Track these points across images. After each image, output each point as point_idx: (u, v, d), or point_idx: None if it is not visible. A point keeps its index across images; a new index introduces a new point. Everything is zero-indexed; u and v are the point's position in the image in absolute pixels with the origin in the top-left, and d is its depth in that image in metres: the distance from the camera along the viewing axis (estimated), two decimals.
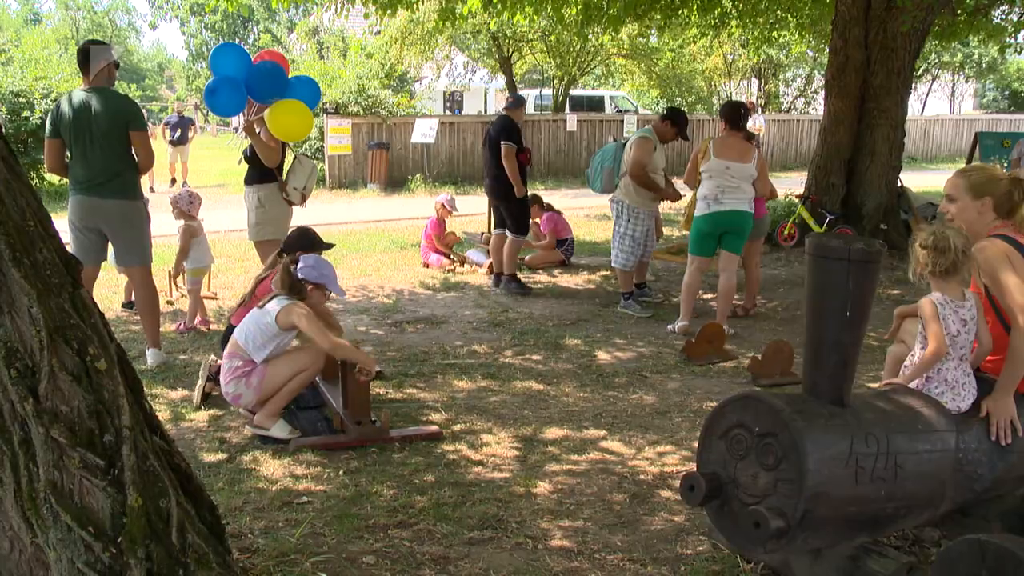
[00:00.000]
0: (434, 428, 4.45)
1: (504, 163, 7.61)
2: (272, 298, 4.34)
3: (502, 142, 7.60)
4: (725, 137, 6.48)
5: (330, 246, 5.08)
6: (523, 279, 8.15)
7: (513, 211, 7.86)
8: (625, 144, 7.31)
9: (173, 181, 17.01)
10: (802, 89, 27.27)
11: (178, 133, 17.01)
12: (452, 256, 9.23)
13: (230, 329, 4.79)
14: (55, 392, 2.24)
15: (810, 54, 23.27)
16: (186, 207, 6.59)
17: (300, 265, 4.34)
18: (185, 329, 6.43)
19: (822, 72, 20.51)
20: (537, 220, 9.30)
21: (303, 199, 6.25)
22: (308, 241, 5.01)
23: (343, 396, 4.48)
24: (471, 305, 7.48)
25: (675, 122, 7.16)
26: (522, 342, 6.27)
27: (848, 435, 2.62)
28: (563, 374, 5.51)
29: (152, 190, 15.61)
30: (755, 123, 15.61)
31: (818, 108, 26.11)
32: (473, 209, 10.24)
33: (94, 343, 2.32)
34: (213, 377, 4.82)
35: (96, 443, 2.25)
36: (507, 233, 7.96)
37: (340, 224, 12.33)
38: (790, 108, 26.47)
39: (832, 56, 9.57)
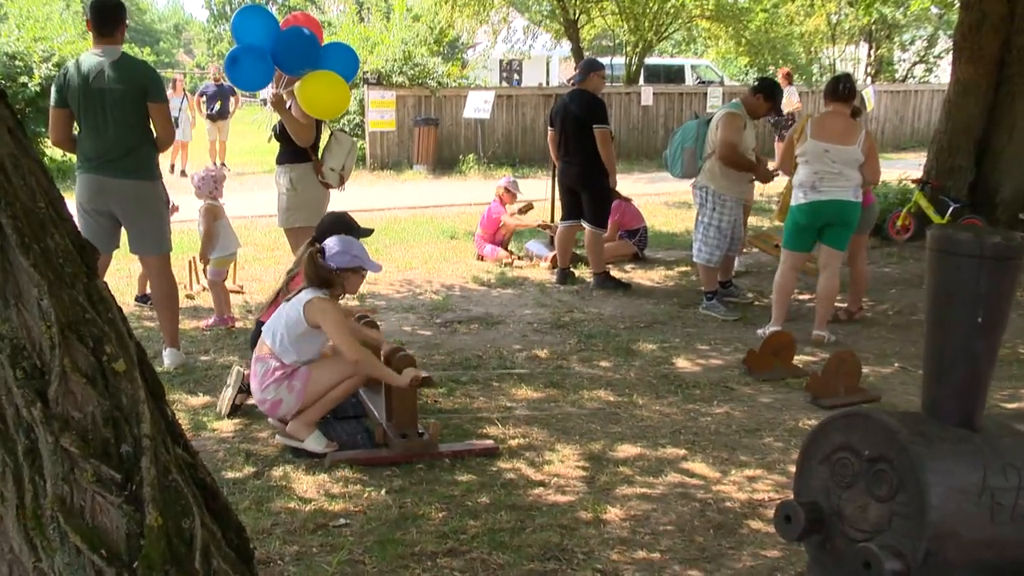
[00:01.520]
0: (489, 443, 4.46)
1: (601, 150, 7.68)
2: (301, 290, 4.37)
3: (595, 126, 7.66)
4: (825, 115, 6.35)
5: (369, 232, 5.10)
6: (576, 273, 8.14)
7: (597, 202, 7.92)
8: (709, 121, 7.23)
9: (220, 165, 16.49)
10: (922, 54, 26.49)
11: (217, 106, 16.41)
12: (511, 250, 9.25)
13: (260, 329, 4.83)
14: (66, 396, 2.26)
15: (934, 11, 22.62)
16: (211, 187, 6.69)
17: (328, 253, 4.36)
18: (212, 325, 6.55)
19: (949, 33, 19.93)
20: None
21: (341, 181, 6.28)
22: (344, 227, 5.02)
23: (386, 405, 4.49)
24: (531, 304, 7.47)
25: (768, 95, 7.05)
26: (589, 346, 6.24)
27: (980, 464, 2.52)
28: (636, 384, 5.48)
29: (184, 174, 15.39)
30: (790, 97, 15.27)
31: (942, 76, 25.33)
32: (533, 195, 10.18)
33: (111, 341, 2.34)
34: (245, 388, 4.87)
35: (112, 454, 2.27)
36: (585, 225, 8.00)
37: (382, 210, 12.44)
38: (906, 77, 25.78)
39: (964, 12, 9.24)
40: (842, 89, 6.30)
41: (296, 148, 6.14)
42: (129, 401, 2.31)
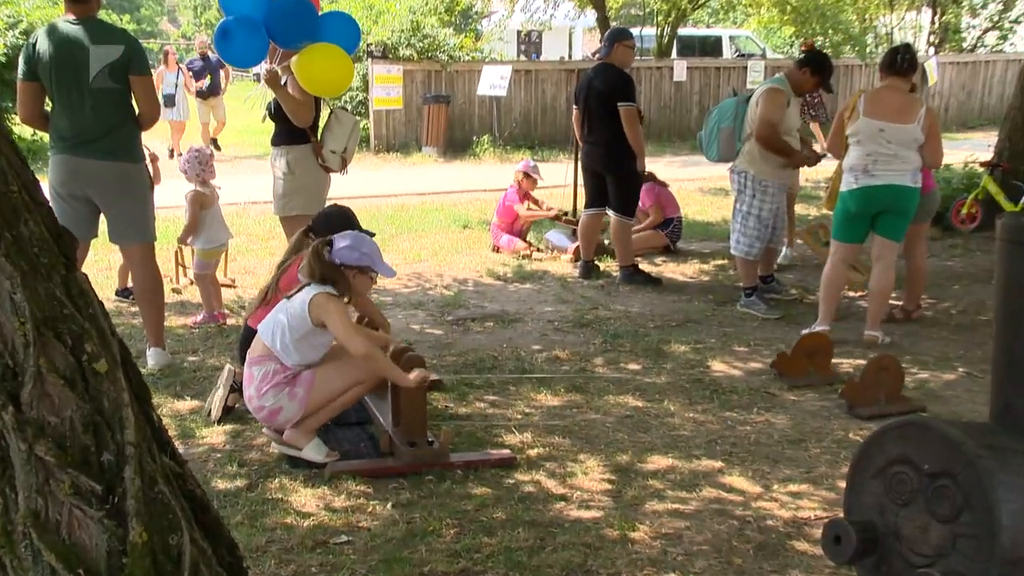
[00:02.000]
0: (506, 453, 4.46)
1: (627, 131, 7.66)
2: (303, 287, 4.37)
3: (620, 104, 7.63)
4: (880, 89, 6.30)
5: (371, 233, 5.06)
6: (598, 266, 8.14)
7: (624, 187, 7.90)
8: (749, 98, 7.19)
9: (215, 145, 16.22)
10: (996, 19, 26.04)
11: (207, 81, 16.20)
12: (529, 241, 9.26)
13: (248, 333, 4.84)
14: (42, 399, 2.26)
15: None
16: (197, 169, 6.67)
17: (335, 247, 4.35)
18: (201, 322, 6.58)
19: None
20: None
21: (343, 164, 6.28)
22: (341, 223, 5.02)
23: (393, 410, 4.50)
24: (552, 300, 7.47)
25: (816, 69, 7.01)
26: (616, 347, 6.23)
27: None
28: (667, 389, 5.47)
29: (172, 154, 15.23)
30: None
31: (1019, 44, 24.99)
32: (554, 179, 10.17)
33: (92, 339, 2.34)
34: (237, 388, 4.87)
35: (92, 463, 2.27)
36: (610, 213, 7.99)
37: (389, 196, 12.45)
38: (976, 45, 25.42)
39: None
40: (900, 61, 6.24)
41: (293, 129, 6.12)
42: (111, 405, 2.32)
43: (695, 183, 13.48)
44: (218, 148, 16.29)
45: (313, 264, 4.33)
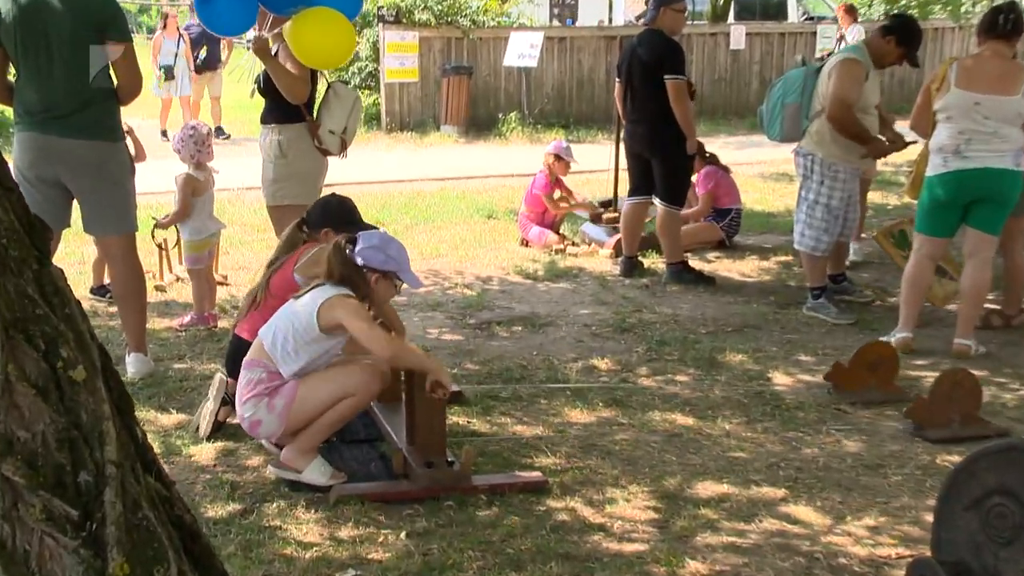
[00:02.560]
0: (536, 475, 4.47)
1: (674, 106, 7.65)
2: (315, 287, 4.38)
3: (667, 76, 7.63)
4: (977, 56, 6.24)
5: (374, 227, 5.04)
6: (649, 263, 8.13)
7: (672, 172, 7.90)
8: (820, 69, 7.14)
9: (220, 130, 16.03)
10: None
11: (203, 52, 15.84)
12: (563, 233, 9.26)
13: (238, 345, 4.87)
14: (10, 411, 2.27)
15: None
16: (192, 149, 6.69)
17: (359, 246, 4.37)
18: (189, 324, 6.61)
19: None
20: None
21: (343, 147, 6.28)
22: (342, 215, 5.03)
23: (408, 426, 4.52)
24: (589, 301, 7.47)
25: (903, 38, 6.94)
26: (662, 356, 6.23)
27: None
28: (721, 404, 5.47)
29: (164, 134, 15.14)
30: (853, 36, 15.06)
31: None
32: (592, 163, 10.19)
33: (68, 343, 2.34)
34: (229, 400, 4.90)
35: (67, 484, 2.27)
36: (656, 202, 7.99)
37: (402, 182, 12.48)
38: None
39: None
40: (1003, 23, 6.16)
41: (286, 105, 6.10)
42: (90, 418, 2.32)
43: (754, 167, 13.44)
44: (225, 135, 16.07)
45: (333, 262, 4.37)
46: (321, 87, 6.40)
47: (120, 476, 2.31)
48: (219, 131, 15.77)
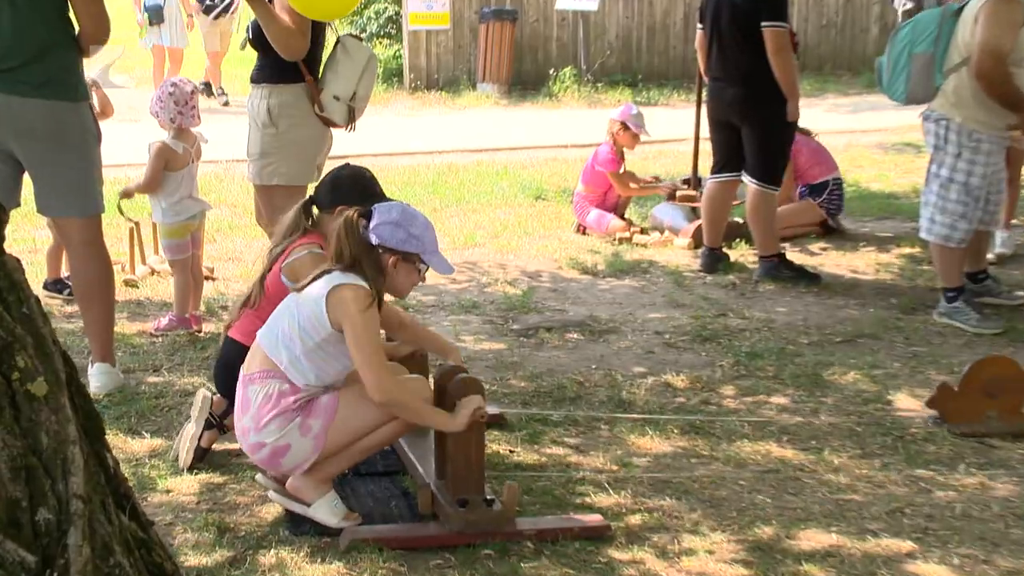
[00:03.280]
0: (595, 519, 4.45)
1: (772, 61, 7.61)
2: (322, 274, 4.37)
3: (765, 24, 7.60)
4: None
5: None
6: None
7: (767, 144, 7.87)
8: (962, 9, 7.07)
9: (208, 87, 16.26)
10: None
11: None
12: (629, 219, 9.26)
13: (231, 348, 4.89)
14: None
15: None
16: (172, 112, 6.69)
17: (374, 221, 4.37)
18: (167, 327, 6.65)
19: None
20: None
21: (351, 118, 6.27)
22: (357, 189, 5.00)
23: (437, 456, 4.52)
24: (661, 303, 7.46)
25: None
26: (753, 372, 6.22)
27: None
28: (829, 433, 5.42)
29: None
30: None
31: None
32: (666, 132, 10.08)
33: (26, 349, 2.38)
34: (216, 422, 4.92)
35: (23, 523, 2.29)
36: (747, 180, 7.98)
37: (429, 153, 12.47)
38: None
39: None
40: None
41: (281, 62, 6.10)
42: (52, 442, 2.35)
43: (871, 136, 13.33)
44: (212, 94, 16.14)
45: (342, 241, 4.32)
46: (330, 40, 6.39)
47: (87, 514, 2.33)
48: (208, 88, 15.97)
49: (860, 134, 13.13)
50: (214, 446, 4.99)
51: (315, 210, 5.00)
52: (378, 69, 6.60)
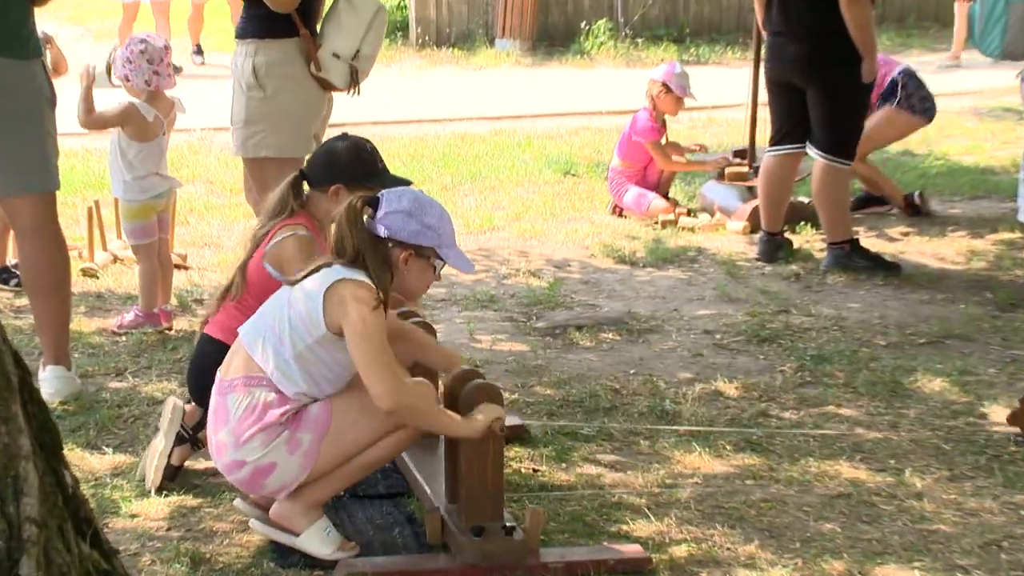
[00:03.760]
0: (634, 549, 4.42)
1: (845, 10, 7.58)
2: (321, 268, 4.35)
3: None
4: None
5: (406, 182, 4.99)
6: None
7: (837, 110, 7.85)
8: None
9: (199, 50, 16.59)
10: None
11: None
12: (674, 199, 9.24)
13: (206, 348, 4.89)
14: None
15: None
16: (145, 72, 6.62)
17: (383, 209, 4.35)
18: (132, 324, 6.65)
19: None
20: None
21: (353, 80, 6.31)
22: (357, 165, 4.98)
23: (449, 475, 4.50)
24: (712, 297, 7.47)
25: None
26: (820, 379, 6.20)
27: None
28: (911, 451, 5.40)
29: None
30: None
31: None
32: (717, 97, 10.02)
33: None
34: (189, 435, 4.91)
35: None
36: (813, 153, 7.96)
37: (440, 121, 12.48)
38: None
39: None
40: None
41: (271, 13, 6.12)
42: (2, 457, 2.35)
43: (963, 100, 13.32)
44: (199, 54, 16.39)
45: (344, 233, 4.30)
46: None
47: (43, 540, 2.33)
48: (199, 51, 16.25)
49: (950, 97, 13.03)
50: (187, 463, 4.98)
51: (306, 187, 4.98)
52: (386, 22, 6.56)
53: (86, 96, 6.58)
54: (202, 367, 4.83)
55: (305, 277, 4.30)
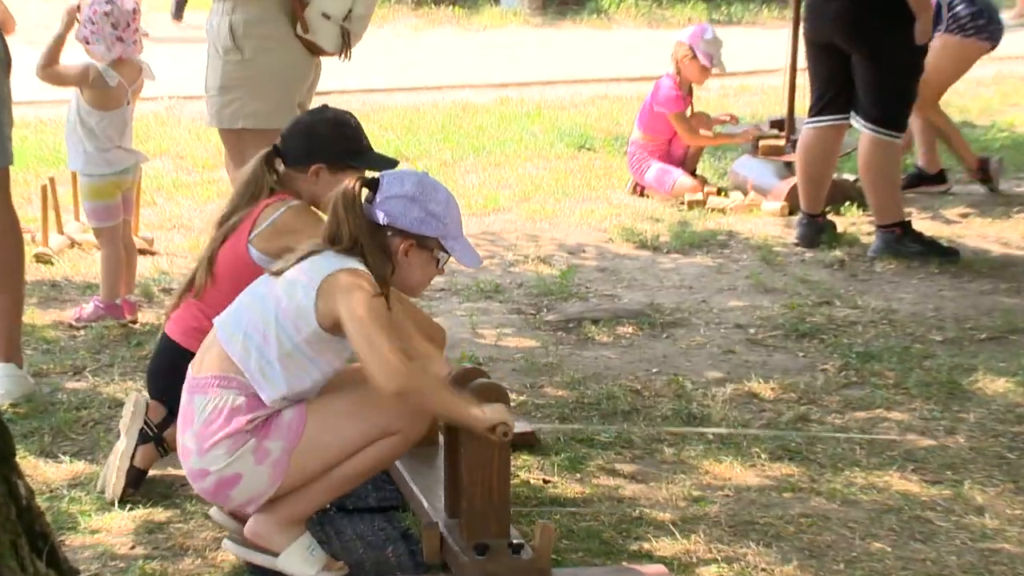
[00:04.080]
0: (657, 569, 4.40)
1: None
2: (309, 255, 4.33)
3: None
4: None
5: (392, 163, 5.04)
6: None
7: (886, 77, 7.83)
8: None
9: (180, 8, 16.81)
10: None
11: None
12: (702, 176, 9.25)
13: (168, 349, 4.88)
14: None
15: None
16: (109, 35, 6.56)
17: (382, 194, 4.32)
18: (91, 317, 6.65)
19: None
20: None
21: (344, 43, 6.31)
22: (338, 141, 4.97)
23: (448, 486, 4.49)
24: (744, 287, 7.49)
25: None
26: (867, 379, 6.21)
27: None
28: (970, 460, 5.39)
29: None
30: None
31: None
32: (751, 62, 9.97)
33: None
34: (154, 433, 4.88)
35: None
36: (858, 125, 7.95)
37: (438, 88, 12.52)
38: None
39: None
40: None
41: None
42: None
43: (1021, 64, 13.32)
44: (178, 14, 16.64)
45: (340, 218, 4.28)
46: None
47: None
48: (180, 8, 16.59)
49: (1014, 61, 13.08)
50: (154, 471, 4.95)
51: (279, 165, 4.95)
52: None
53: (56, 43, 6.55)
54: (161, 367, 4.86)
55: (291, 266, 4.26)
